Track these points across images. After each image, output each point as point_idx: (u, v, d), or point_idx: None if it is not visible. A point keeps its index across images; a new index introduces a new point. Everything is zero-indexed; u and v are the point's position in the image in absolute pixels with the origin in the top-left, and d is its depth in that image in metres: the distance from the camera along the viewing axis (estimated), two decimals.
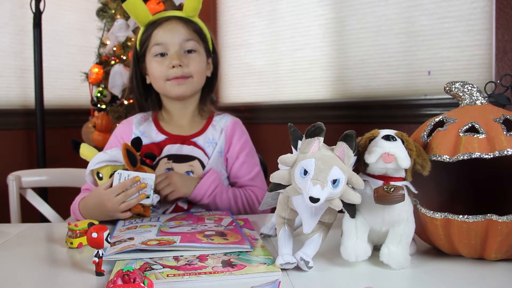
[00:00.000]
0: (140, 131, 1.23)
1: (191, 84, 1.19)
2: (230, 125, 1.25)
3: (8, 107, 2.25)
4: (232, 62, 2.68)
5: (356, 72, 2.21)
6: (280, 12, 2.47)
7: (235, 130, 1.25)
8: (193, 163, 1.17)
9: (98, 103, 2.10)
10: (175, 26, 1.18)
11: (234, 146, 1.23)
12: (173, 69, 1.16)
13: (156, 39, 1.18)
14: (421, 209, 0.73)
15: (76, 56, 2.52)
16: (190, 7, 1.18)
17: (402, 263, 0.70)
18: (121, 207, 0.99)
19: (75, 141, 1.10)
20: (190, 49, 1.18)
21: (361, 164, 0.71)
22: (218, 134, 1.23)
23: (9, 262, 0.78)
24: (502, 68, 1.78)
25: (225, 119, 1.27)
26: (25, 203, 1.44)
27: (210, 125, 1.25)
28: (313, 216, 0.70)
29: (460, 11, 1.89)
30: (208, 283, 0.65)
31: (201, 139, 1.22)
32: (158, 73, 1.18)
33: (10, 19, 2.26)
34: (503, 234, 0.68)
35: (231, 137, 1.24)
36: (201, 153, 1.19)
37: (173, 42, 1.17)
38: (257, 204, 1.18)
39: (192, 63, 1.18)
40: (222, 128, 1.24)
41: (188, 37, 1.18)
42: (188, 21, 1.19)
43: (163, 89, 1.20)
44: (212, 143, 1.22)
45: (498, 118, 0.72)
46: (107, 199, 0.99)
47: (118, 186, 0.99)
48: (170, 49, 1.17)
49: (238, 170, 1.22)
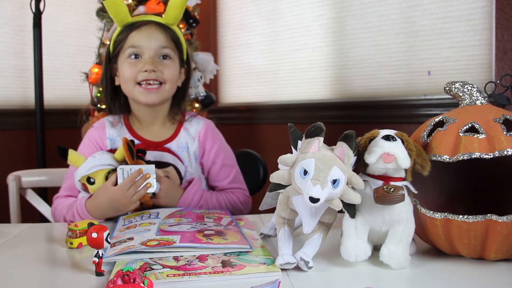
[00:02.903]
0: (113, 135, 1.21)
1: (163, 92, 1.17)
2: (202, 131, 1.24)
3: (8, 107, 2.25)
4: (232, 62, 2.68)
5: (356, 72, 2.21)
6: (280, 12, 2.47)
7: (207, 135, 1.24)
8: (167, 169, 1.15)
9: (98, 103, 2.09)
10: (153, 32, 1.16)
11: (208, 152, 1.23)
12: (145, 73, 1.14)
13: (132, 42, 1.16)
14: (421, 209, 0.73)
15: (76, 56, 2.52)
16: (171, 15, 1.17)
17: (402, 263, 0.70)
18: (134, 199, 1.03)
19: (61, 147, 1.08)
20: (165, 55, 1.17)
21: (361, 164, 0.71)
22: (191, 140, 1.23)
23: (9, 262, 0.78)
24: (502, 68, 1.78)
25: (196, 124, 1.26)
26: (25, 203, 1.43)
27: (182, 129, 1.24)
28: (313, 216, 0.70)
29: (460, 11, 1.90)
30: (208, 283, 0.65)
31: (174, 145, 1.21)
32: (128, 74, 1.15)
33: (10, 19, 2.26)
34: (503, 234, 0.68)
35: (203, 143, 1.24)
36: (175, 159, 1.19)
37: (149, 47, 1.15)
38: (240, 205, 1.21)
39: (166, 70, 1.16)
40: (195, 135, 1.24)
41: (164, 44, 1.17)
42: (166, 28, 1.18)
43: (132, 93, 1.18)
44: (185, 148, 1.22)
45: (498, 118, 0.72)
46: (121, 195, 1.02)
47: (128, 180, 1.03)
48: (145, 53, 1.15)
49: (216, 175, 1.24)
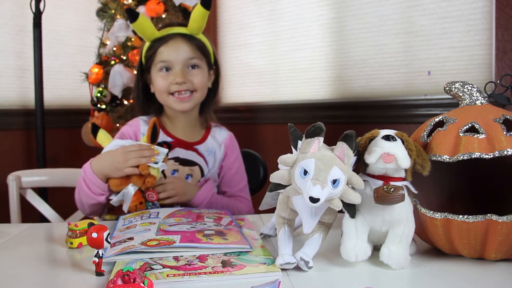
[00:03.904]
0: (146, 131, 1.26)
1: (194, 99, 1.27)
2: (227, 138, 1.36)
3: (8, 107, 2.24)
4: (232, 62, 2.68)
5: (356, 72, 2.21)
6: (280, 12, 2.47)
7: (231, 143, 1.36)
8: (194, 168, 1.26)
9: (98, 103, 2.09)
10: (179, 45, 1.24)
11: (229, 157, 1.33)
12: (177, 85, 1.23)
13: (162, 57, 1.24)
14: (421, 209, 0.73)
15: (76, 56, 2.52)
16: (195, 27, 1.24)
17: (402, 263, 0.70)
18: (130, 162, 1.05)
19: (94, 125, 1.16)
20: (193, 65, 1.26)
21: (361, 164, 0.71)
22: (218, 147, 1.33)
23: (9, 262, 0.78)
24: (502, 68, 1.78)
25: (223, 133, 1.37)
26: (25, 203, 1.43)
27: (209, 135, 1.34)
28: (313, 216, 0.70)
29: (460, 11, 1.89)
30: (208, 283, 0.65)
31: (203, 147, 1.30)
32: (161, 87, 1.25)
33: (10, 19, 2.25)
34: (503, 234, 0.68)
35: (227, 150, 1.34)
36: (201, 160, 1.28)
37: (177, 60, 1.23)
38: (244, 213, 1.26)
39: (195, 78, 1.25)
40: (221, 142, 1.34)
41: (191, 55, 1.24)
42: (192, 38, 1.25)
43: (166, 102, 1.27)
44: (212, 152, 1.31)
45: (498, 118, 0.72)
46: (121, 153, 1.06)
47: (134, 145, 1.08)
48: (175, 66, 1.24)
49: (230, 180, 1.32)
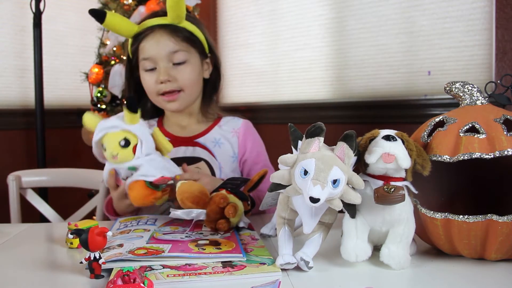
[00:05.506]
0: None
1: (183, 98, 1.17)
2: (242, 128, 1.23)
3: (8, 107, 2.24)
4: (232, 62, 2.68)
5: (356, 72, 2.21)
6: (280, 12, 2.47)
7: (248, 134, 1.23)
8: (199, 164, 1.15)
9: (98, 103, 2.09)
10: (160, 38, 1.12)
11: (251, 151, 1.22)
12: (162, 85, 1.14)
13: (144, 53, 1.14)
14: (421, 209, 0.73)
15: (76, 56, 2.52)
16: (174, 16, 1.10)
17: (402, 263, 0.70)
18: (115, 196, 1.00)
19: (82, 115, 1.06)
20: (179, 62, 1.14)
21: (361, 164, 0.71)
22: (228, 136, 1.22)
23: (9, 262, 0.78)
24: (502, 68, 1.78)
25: (235, 121, 1.25)
26: (25, 203, 1.43)
27: (216, 126, 1.23)
28: (313, 216, 0.70)
29: (460, 11, 1.89)
30: (208, 283, 0.65)
31: (205, 139, 1.20)
32: (149, 88, 1.16)
33: (10, 19, 2.26)
34: (503, 234, 0.68)
35: (245, 141, 1.22)
36: (206, 153, 1.18)
37: (160, 55, 1.12)
38: None
39: (181, 76, 1.14)
40: (233, 130, 1.23)
41: (175, 48, 1.12)
42: (174, 29, 1.12)
43: (157, 102, 1.19)
44: (218, 143, 1.20)
45: (498, 118, 0.72)
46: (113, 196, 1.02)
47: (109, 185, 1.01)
48: (159, 63, 1.13)
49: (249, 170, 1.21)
